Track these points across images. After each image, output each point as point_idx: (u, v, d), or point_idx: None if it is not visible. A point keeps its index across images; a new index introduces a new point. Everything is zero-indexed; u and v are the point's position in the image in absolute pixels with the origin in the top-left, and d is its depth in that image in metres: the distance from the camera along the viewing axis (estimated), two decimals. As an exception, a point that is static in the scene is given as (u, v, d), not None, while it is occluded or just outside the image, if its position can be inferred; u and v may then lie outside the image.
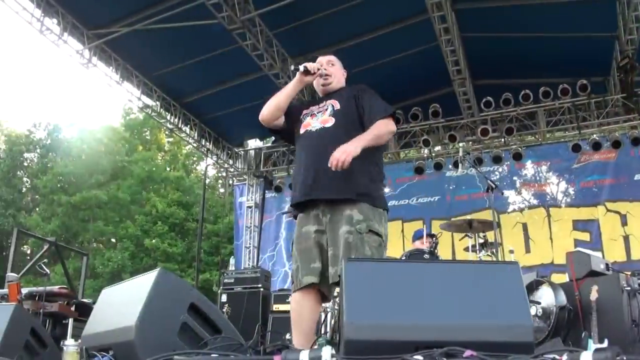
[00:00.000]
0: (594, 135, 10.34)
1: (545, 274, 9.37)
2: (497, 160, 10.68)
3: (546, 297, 5.14)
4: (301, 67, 3.53)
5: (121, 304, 2.59)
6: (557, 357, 1.51)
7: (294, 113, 3.71)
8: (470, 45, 9.77)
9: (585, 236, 10.32)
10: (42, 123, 31.65)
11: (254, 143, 13.23)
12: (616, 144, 10.18)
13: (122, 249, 24.61)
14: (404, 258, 5.06)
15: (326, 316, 5.77)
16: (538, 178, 10.83)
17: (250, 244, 12.29)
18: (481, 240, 6.61)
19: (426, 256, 4.83)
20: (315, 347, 1.71)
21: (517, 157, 10.57)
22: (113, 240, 27.76)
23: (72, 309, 6.13)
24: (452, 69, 9.54)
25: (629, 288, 6.52)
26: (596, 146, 10.23)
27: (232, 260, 8.90)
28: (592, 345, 5.61)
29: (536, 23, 9.32)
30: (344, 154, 3.16)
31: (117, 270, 23.17)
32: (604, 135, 10.40)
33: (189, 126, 11.81)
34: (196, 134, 11.93)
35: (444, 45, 9.05)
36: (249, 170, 12.85)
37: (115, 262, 23.17)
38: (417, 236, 7.14)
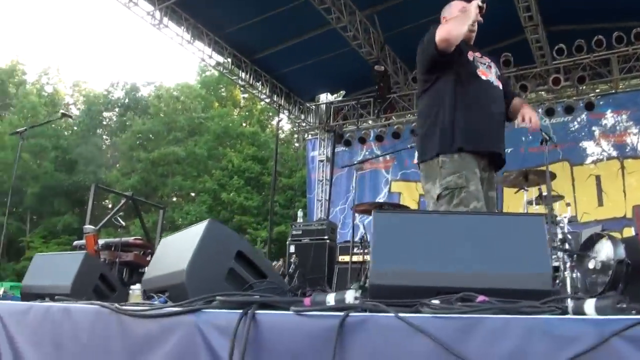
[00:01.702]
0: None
1: (618, 228, 9.17)
2: (569, 110, 10.35)
3: (605, 250, 5.06)
4: (484, 5, 3.53)
5: (175, 251, 2.79)
6: (560, 304, 1.55)
7: (462, 46, 3.59)
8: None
9: (661, 189, 9.95)
10: (120, 83, 32.81)
11: (325, 97, 13.31)
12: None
13: (200, 202, 25.37)
14: None
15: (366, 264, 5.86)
16: (617, 128, 10.45)
17: (322, 197, 12.50)
18: (538, 194, 6.53)
19: None
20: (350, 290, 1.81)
21: (590, 106, 10.18)
22: (192, 194, 28.63)
23: (148, 258, 6.43)
24: (523, 15, 9.20)
25: (700, 244, 6.32)
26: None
27: (299, 213, 9.11)
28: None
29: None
30: (536, 118, 3.60)
31: (196, 223, 23.91)
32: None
33: (260, 82, 11.97)
34: (268, 90, 12.08)
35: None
36: (320, 124, 12.96)
37: (193, 215, 23.92)
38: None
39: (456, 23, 3.46)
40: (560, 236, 5.49)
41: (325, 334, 1.70)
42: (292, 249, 7.90)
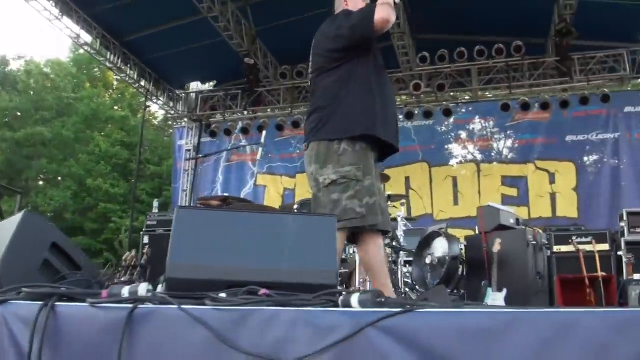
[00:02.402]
0: (524, 97, 10.65)
1: (471, 226, 9.77)
2: (428, 115, 10.93)
3: (441, 248, 5.42)
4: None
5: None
6: (332, 298, 1.69)
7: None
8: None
9: (512, 192, 10.74)
10: (-13, 55, 30.59)
11: (196, 86, 13.14)
12: (545, 106, 10.50)
13: (64, 187, 24.27)
14: (296, 206, 5.23)
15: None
16: (483, 134, 11.17)
17: (187, 187, 12.36)
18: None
19: None
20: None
21: (447, 113, 10.80)
22: (60, 179, 27.32)
23: None
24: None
25: (534, 242, 6.91)
26: (525, 107, 10.55)
27: (155, 203, 8.95)
28: (491, 293, 5.97)
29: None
30: None
31: (59, 210, 22.91)
32: (534, 96, 10.72)
33: (129, 66, 11.64)
34: (136, 75, 11.77)
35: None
36: (189, 113, 12.80)
37: (57, 200, 22.87)
38: None
39: (391, 8, 3.38)
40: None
41: (116, 325, 1.75)
42: (146, 239, 7.76)
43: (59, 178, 27.07)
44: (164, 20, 10.45)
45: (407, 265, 5.82)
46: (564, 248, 7.04)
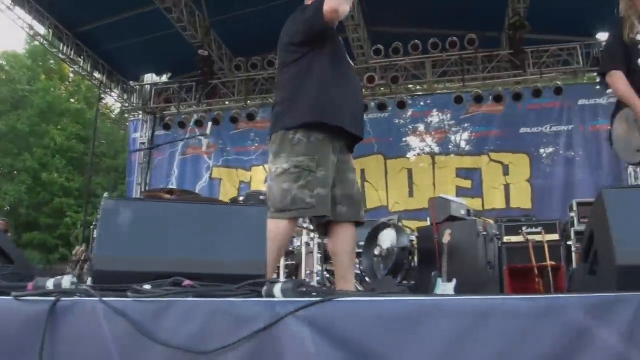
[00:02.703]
0: (477, 90, 10.80)
1: (426, 217, 9.89)
2: (382, 107, 11.00)
3: (390, 239, 5.47)
4: None
5: None
6: (256, 288, 1.69)
7: (337, 28, 3.61)
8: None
9: (467, 184, 10.88)
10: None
11: (151, 78, 12.97)
12: (498, 99, 10.65)
13: (19, 182, 23.76)
14: (241, 199, 5.23)
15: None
16: (440, 126, 11.28)
17: (142, 180, 12.22)
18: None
19: (262, 197, 5.01)
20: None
21: (401, 105, 10.89)
22: (15, 172, 26.71)
23: None
24: (346, 14, 9.53)
25: (485, 233, 7.02)
26: (478, 99, 10.68)
27: (105, 196, 8.78)
28: (441, 284, 6.06)
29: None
30: None
31: (14, 204, 22.44)
32: (488, 89, 10.86)
33: (82, 58, 11.44)
34: (89, 66, 11.58)
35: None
36: (143, 106, 12.64)
37: (12, 195, 22.40)
38: None
39: (345, 3, 3.37)
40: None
41: (39, 318, 1.72)
42: (96, 234, 7.66)
43: (15, 172, 26.49)
44: (118, 11, 10.29)
45: (358, 257, 5.86)
46: (514, 238, 7.16)
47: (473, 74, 10.80)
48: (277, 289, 1.63)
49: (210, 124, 6.21)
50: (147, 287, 1.72)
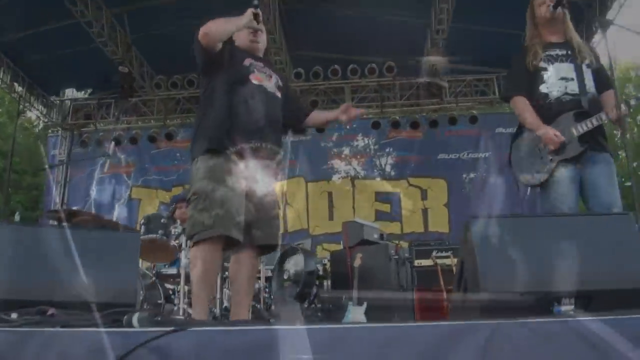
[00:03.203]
0: (395, 116, 11.05)
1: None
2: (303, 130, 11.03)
3: (298, 263, 5.51)
4: (259, 10, 3.50)
5: None
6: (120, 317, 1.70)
7: (237, 52, 3.65)
8: (290, 16, 9.96)
9: (386, 207, 11.03)
10: None
11: (71, 93, 12.65)
12: (415, 125, 10.94)
13: None
14: (142, 221, 5.16)
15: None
16: (366, 150, 11.40)
17: (60, 199, 11.87)
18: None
19: (163, 220, 4.97)
20: None
21: (320, 129, 10.99)
22: None
23: None
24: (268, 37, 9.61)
25: (397, 257, 7.14)
26: (395, 125, 10.93)
27: (17, 217, 8.51)
28: (351, 307, 6.12)
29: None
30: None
31: None
32: (406, 115, 11.14)
33: (2, 69, 11.01)
34: (9, 78, 11.18)
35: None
36: (62, 121, 12.31)
37: None
38: (174, 200, 7.31)
39: (220, 21, 3.46)
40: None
41: None
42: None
43: None
44: (38, 22, 9.96)
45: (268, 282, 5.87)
46: (425, 262, 7.30)
47: (391, 100, 11.05)
48: (135, 318, 1.65)
49: (113, 143, 6.09)
50: (14, 315, 1.71)
